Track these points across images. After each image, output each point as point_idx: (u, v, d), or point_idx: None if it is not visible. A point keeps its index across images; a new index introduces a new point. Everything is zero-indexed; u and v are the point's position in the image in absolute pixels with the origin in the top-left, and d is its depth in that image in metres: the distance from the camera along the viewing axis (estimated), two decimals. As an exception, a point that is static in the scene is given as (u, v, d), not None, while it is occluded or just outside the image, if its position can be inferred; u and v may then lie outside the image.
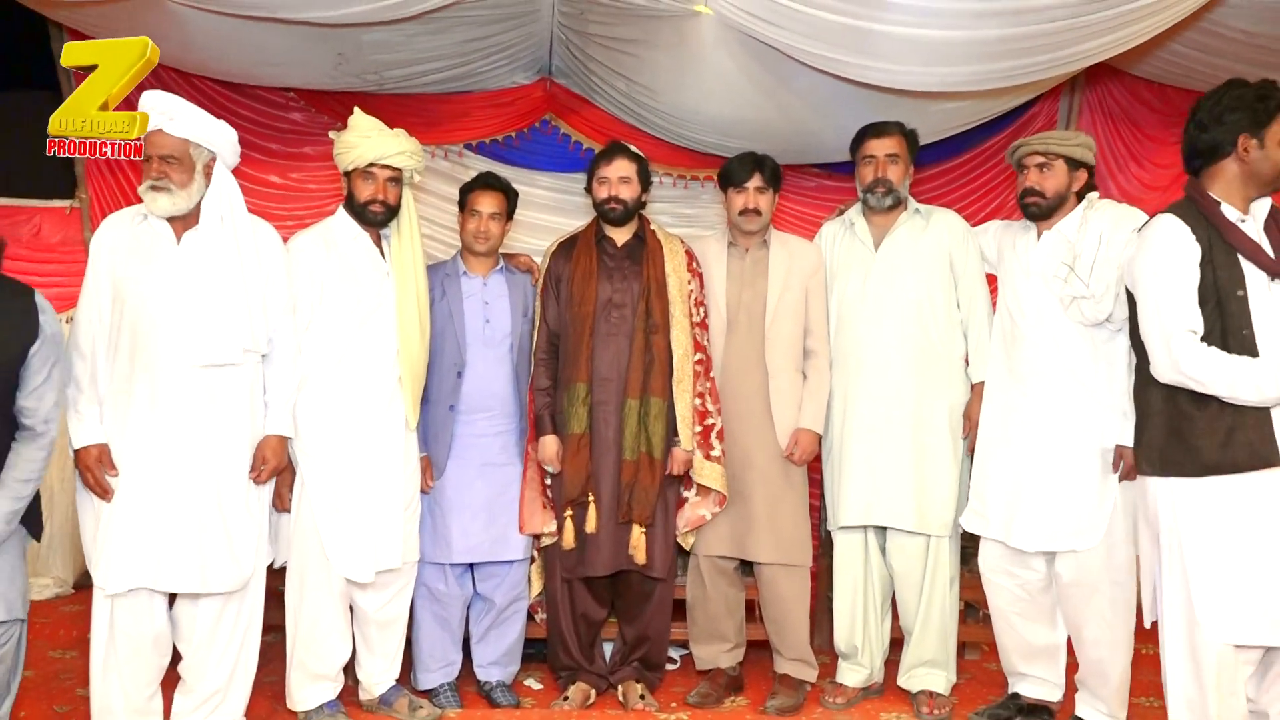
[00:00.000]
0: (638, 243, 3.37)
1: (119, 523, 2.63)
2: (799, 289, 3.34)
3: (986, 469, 3.17)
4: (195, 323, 2.69)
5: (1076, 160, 3.09)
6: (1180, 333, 2.42)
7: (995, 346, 3.23)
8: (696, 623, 3.47)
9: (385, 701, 3.16)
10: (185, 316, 2.69)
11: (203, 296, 2.70)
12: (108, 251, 2.73)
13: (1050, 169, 3.07)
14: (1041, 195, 3.08)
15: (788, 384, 3.31)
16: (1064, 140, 3.11)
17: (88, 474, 2.66)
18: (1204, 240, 2.45)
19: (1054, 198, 3.07)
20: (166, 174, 2.68)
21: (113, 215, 2.84)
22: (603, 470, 3.23)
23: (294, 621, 3.01)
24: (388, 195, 3.07)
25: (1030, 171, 3.09)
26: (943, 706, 3.26)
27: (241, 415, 2.79)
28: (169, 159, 2.69)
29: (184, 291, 2.70)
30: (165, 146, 2.69)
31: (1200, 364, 2.40)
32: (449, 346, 3.27)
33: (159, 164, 2.68)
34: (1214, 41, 3.82)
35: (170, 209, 2.70)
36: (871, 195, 3.31)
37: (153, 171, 2.68)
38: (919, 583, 3.31)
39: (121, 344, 2.69)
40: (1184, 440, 2.46)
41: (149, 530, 2.64)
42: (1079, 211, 3.09)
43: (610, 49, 3.85)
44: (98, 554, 2.66)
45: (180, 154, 2.71)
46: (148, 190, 2.69)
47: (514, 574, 3.36)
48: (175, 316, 2.68)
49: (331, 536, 2.96)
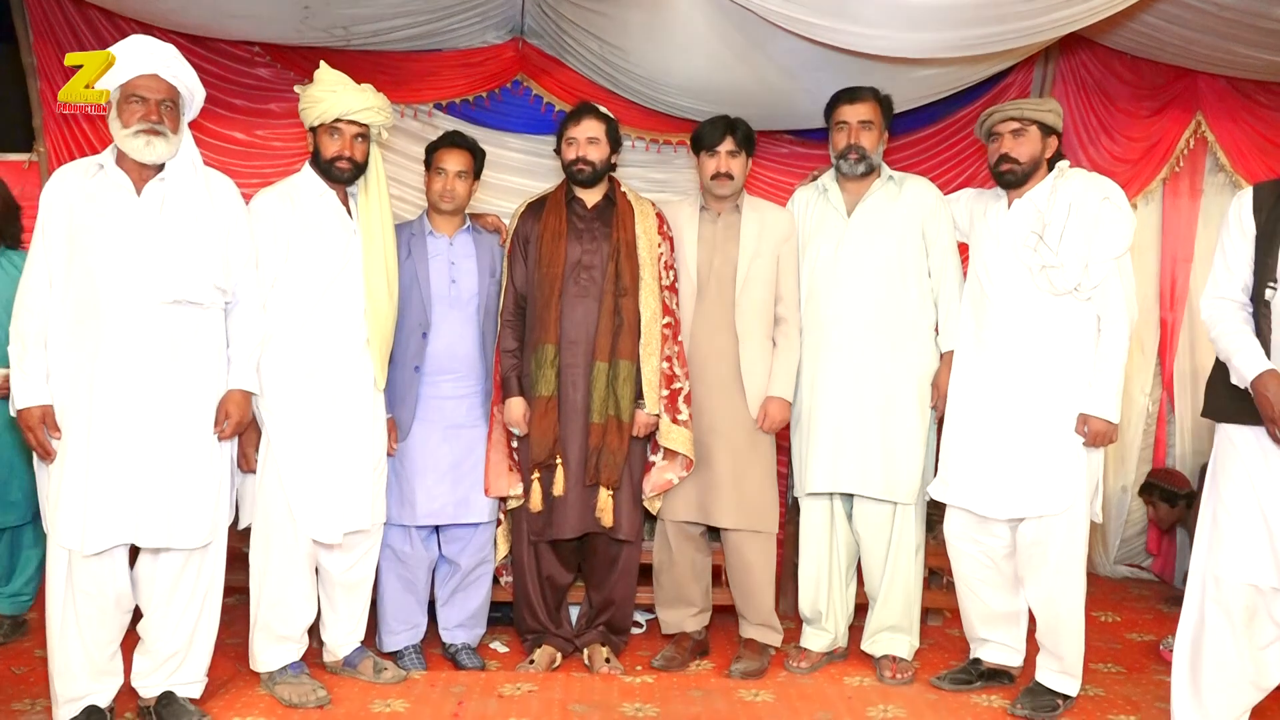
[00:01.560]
0: (607, 204, 3.34)
1: (84, 481, 2.57)
2: (770, 255, 3.32)
3: (954, 437, 3.19)
4: (161, 260, 2.61)
5: (1049, 126, 3.09)
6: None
7: (965, 315, 3.23)
8: (662, 587, 3.48)
9: (349, 663, 3.15)
10: (151, 256, 2.61)
11: (169, 236, 2.63)
12: (62, 204, 2.63)
13: (1024, 135, 3.07)
14: (1016, 162, 3.07)
15: (757, 351, 3.30)
16: (1038, 106, 3.10)
17: (30, 435, 2.58)
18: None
19: (1029, 164, 3.07)
20: (164, 118, 2.62)
21: (63, 167, 2.74)
22: (570, 433, 3.21)
23: (259, 583, 2.98)
24: (354, 152, 3.01)
25: (1004, 138, 3.08)
26: (905, 671, 3.29)
27: (205, 367, 2.73)
28: (165, 104, 2.63)
29: (148, 233, 2.62)
30: (161, 91, 2.63)
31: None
32: (414, 307, 3.23)
33: (156, 107, 2.61)
34: (1186, 14, 3.82)
35: (164, 154, 2.63)
36: (844, 161, 3.29)
37: (152, 114, 2.60)
38: (884, 549, 3.33)
39: (80, 295, 2.60)
40: (1217, 388, 2.60)
41: (114, 485, 2.58)
42: (1049, 180, 3.09)
43: (583, 8, 3.78)
44: (58, 514, 2.59)
45: (174, 100, 2.66)
46: (139, 134, 2.60)
47: (479, 536, 3.35)
48: (140, 258, 2.60)
49: (298, 497, 2.93)
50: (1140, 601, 4.42)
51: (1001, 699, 3.11)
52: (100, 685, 2.68)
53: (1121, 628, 3.99)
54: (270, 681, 2.99)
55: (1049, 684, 3.07)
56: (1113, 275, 2.99)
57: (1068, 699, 3.06)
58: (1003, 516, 3.07)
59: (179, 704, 2.75)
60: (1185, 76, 4.75)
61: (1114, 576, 4.80)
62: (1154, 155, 4.81)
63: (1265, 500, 2.47)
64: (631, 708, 2.96)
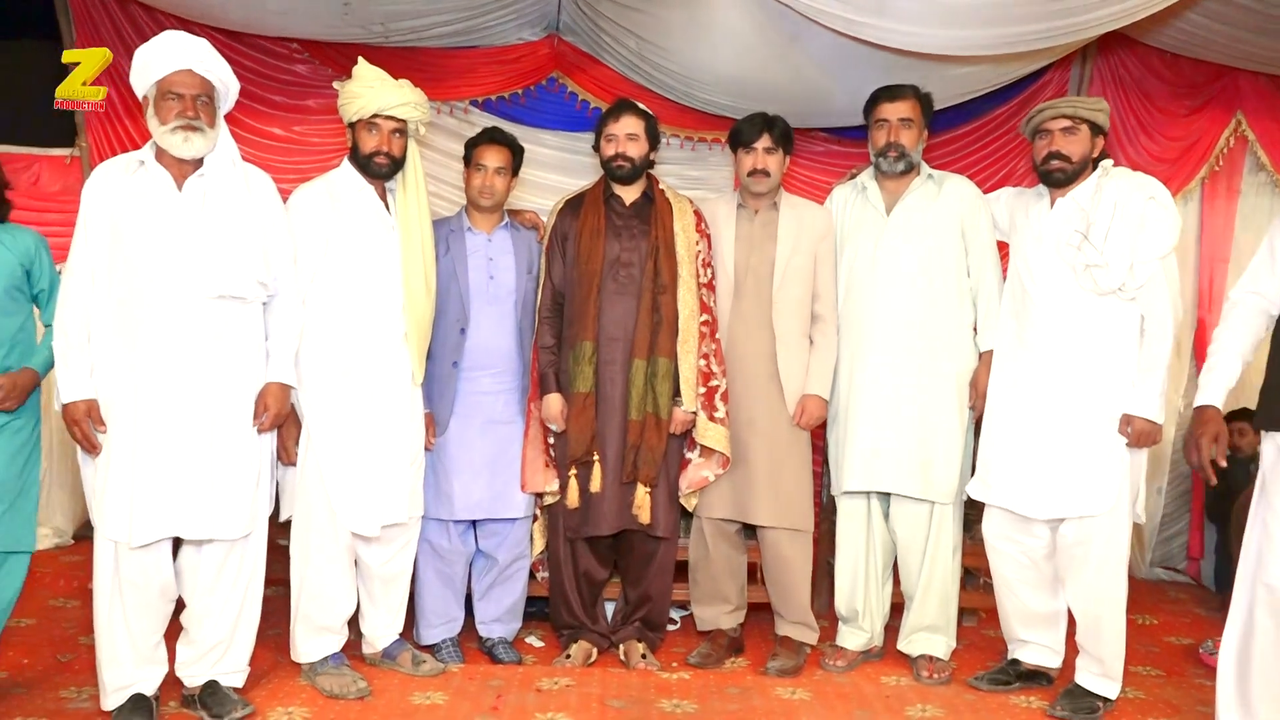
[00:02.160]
0: (646, 201, 3.34)
1: (130, 475, 2.60)
2: (808, 253, 3.31)
3: (994, 437, 3.17)
4: (205, 256, 2.64)
5: (1098, 126, 3.07)
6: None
7: (1005, 314, 3.21)
8: (698, 584, 3.48)
9: (389, 655, 3.17)
10: (194, 251, 2.64)
11: (211, 232, 2.66)
12: (104, 200, 2.66)
13: (1075, 133, 3.04)
14: (1067, 159, 3.05)
15: (795, 348, 3.29)
16: (1090, 105, 3.08)
17: (75, 428, 2.61)
18: None
19: (1080, 162, 3.05)
20: (200, 114, 2.64)
21: (104, 164, 2.76)
22: (608, 430, 3.22)
23: (299, 574, 3.00)
24: (392, 147, 3.02)
25: (1055, 135, 3.05)
26: (942, 671, 3.27)
27: (245, 360, 2.76)
28: (200, 99, 2.65)
29: (191, 230, 2.65)
30: (196, 86, 2.65)
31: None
32: (453, 303, 3.25)
33: (192, 102, 2.63)
34: (1231, 11, 3.79)
35: (202, 149, 2.65)
36: (884, 159, 3.28)
37: (187, 110, 2.62)
38: (921, 549, 3.31)
39: (123, 290, 2.63)
40: (1274, 397, 2.60)
41: (159, 478, 2.61)
42: (1094, 179, 3.06)
43: (622, 5, 3.79)
44: (104, 507, 2.63)
45: (210, 95, 2.69)
46: (177, 130, 2.61)
47: (516, 532, 3.36)
48: (183, 253, 2.63)
49: (338, 490, 2.95)
50: (1177, 605, 4.38)
51: (1040, 700, 3.09)
52: (146, 674, 2.72)
53: (1159, 630, 3.96)
54: (311, 672, 3.02)
55: (1089, 686, 3.04)
56: (1158, 275, 2.96)
57: (1108, 702, 3.03)
58: (1044, 517, 3.06)
59: (223, 693, 2.77)
60: (1225, 74, 4.70)
61: (1150, 579, 4.76)
62: (1193, 154, 4.77)
63: None
64: (670, 704, 2.96)
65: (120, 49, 4.31)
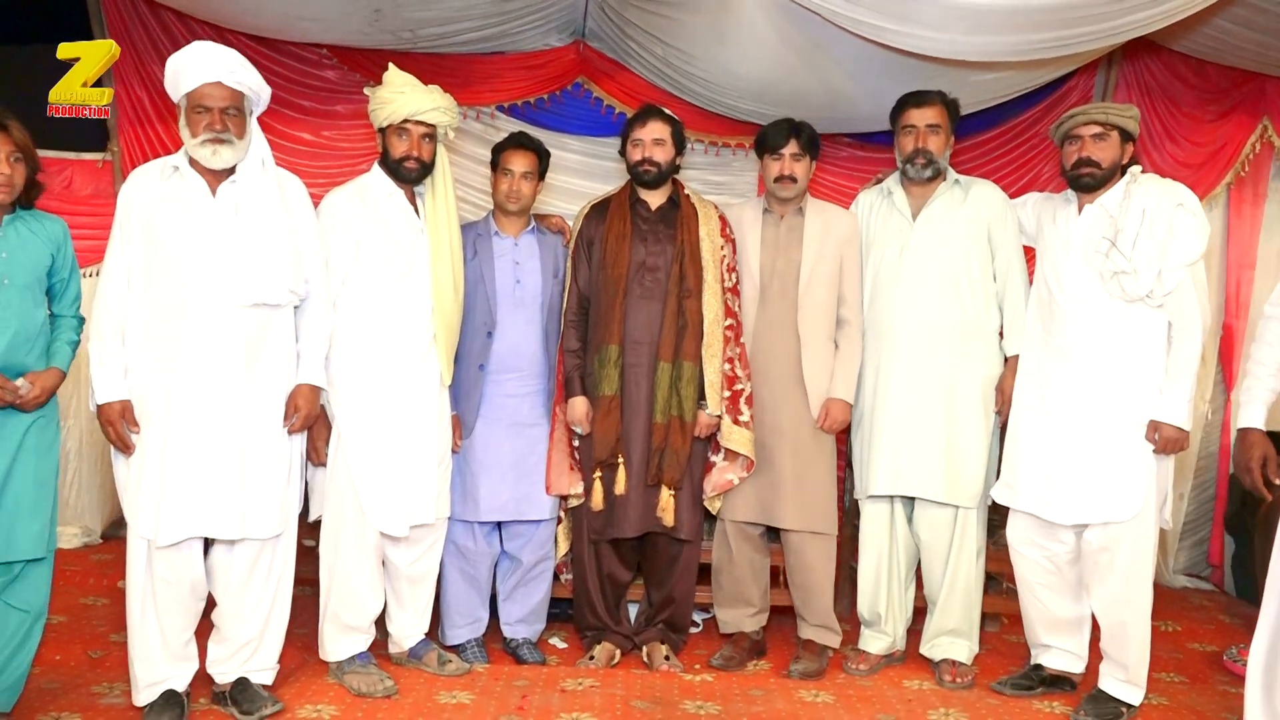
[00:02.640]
0: (671, 206, 3.37)
1: (160, 475, 2.65)
2: (833, 258, 3.33)
3: (1020, 442, 3.18)
4: (241, 265, 2.69)
5: (1128, 132, 3.07)
6: None
7: (1032, 320, 3.22)
8: (721, 587, 3.50)
9: (415, 655, 3.20)
10: (230, 260, 2.69)
11: (246, 241, 2.70)
12: (139, 205, 2.71)
13: (1106, 139, 3.05)
14: (1098, 166, 3.05)
15: (820, 352, 3.31)
16: (1121, 112, 3.09)
17: (109, 429, 2.67)
18: None
19: (1110, 168, 3.06)
20: (229, 126, 2.68)
21: (139, 169, 2.82)
22: (633, 432, 3.25)
23: (328, 574, 3.05)
24: (422, 152, 3.06)
25: (1085, 141, 3.06)
26: (965, 675, 3.28)
27: (277, 363, 2.81)
28: (228, 111, 2.69)
29: (227, 238, 2.70)
30: (225, 99, 2.69)
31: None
32: (479, 306, 3.28)
33: (219, 116, 2.67)
34: (1259, 17, 3.78)
35: (231, 160, 2.70)
36: (911, 166, 3.30)
37: (215, 124, 2.67)
38: (945, 553, 3.32)
39: (158, 294, 2.69)
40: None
41: (189, 479, 2.66)
42: (1122, 185, 3.07)
43: (647, 12, 3.82)
44: (136, 505, 2.68)
45: (239, 105, 2.72)
46: (206, 143, 2.67)
47: (541, 533, 3.39)
48: (219, 261, 2.68)
49: (367, 491, 2.99)
50: (1201, 611, 4.36)
51: (1063, 705, 3.10)
52: (177, 670, 2.76)
53: (1183, 637, 3.95)
54: (339, 671, 3.05)
55: (1112, 692, 3.04)
56: (1186, 282, 2.96)
57: (1131, 708, 3.03)
58: (1069, 522, 3.06)
59: (253, 689, 2.82)
60: (1252, 80, 4.69)
61: (1174, 586, 4.74)
62: (1219, 160, 4.76)
63: None
64: (693, 705, 2.98)
65: (153, 54, 4.39)
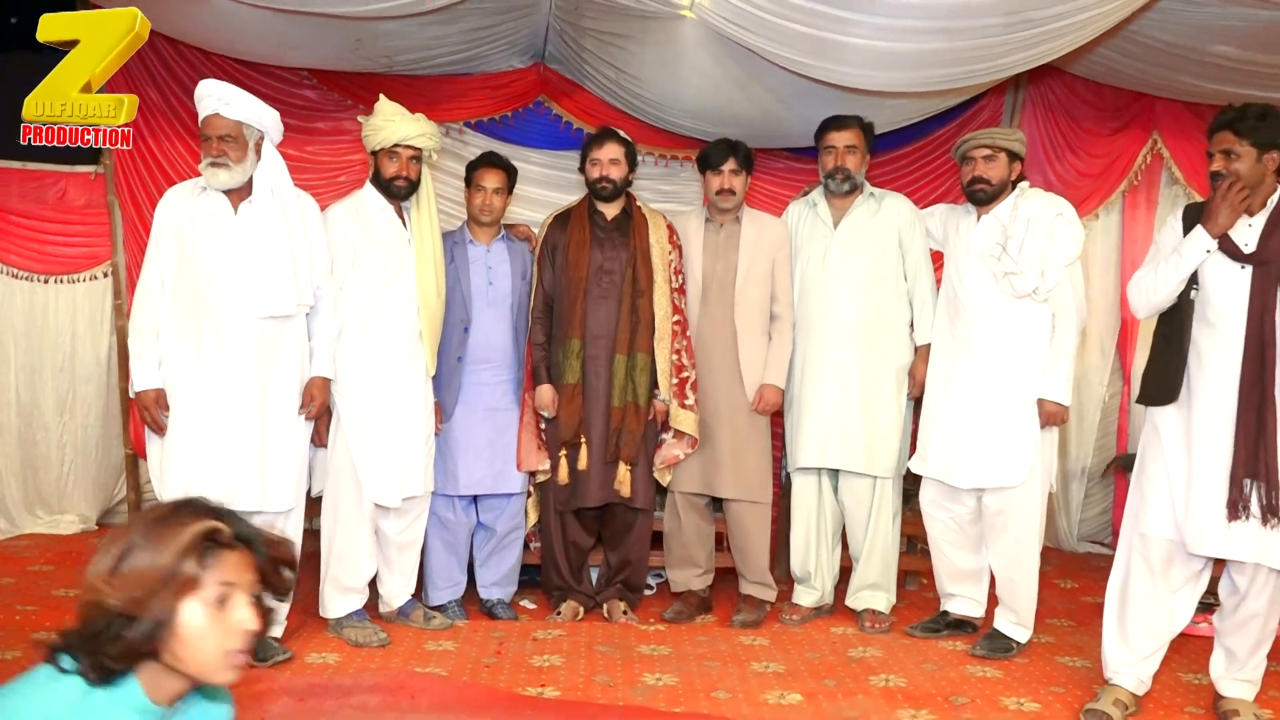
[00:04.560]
0: (625, 217, 3.83)
1: (190, 454, 3.07)
2: (766, 260, 3.81)
3: (929, 419, 3.68)
4: (255, 281, 3.12)
5: (1014, 153, 3.59)
6: None
7: (940, 314, 3.73)
8: (672, 551, 3.97)
9: (403, 613, 3.64)
10: (246, 276, 3.11)
11: (261, 258, 3.13)
12: (172, 220, 3.15)
13: (995, 160, 3.56)
14: (988, 183, 3.56)
15: (755, 344, 3.79)
16: (1007, 136, 3.61)
17: (145, 413, 3.08)
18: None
19: (999, 184, 3.57)
20: (225, 152, 3.10)
21: (174, 188, 3.30)
22: (594, 416, 3.71)
23: (329, 541, 3.49)
24: (410, 171, 3.51)
25: (977, 162, 3.57)
26: (883, 622, 3.78)
27: (291, 360, 3.24)
28: (225, 139, 3.11)
29: (244, 255, 3.12)
30: (222, 128, 3.11)
31: None
32: (456, 305, 3.72)
33: (218, 144, 3.10)
34: (1137, 49, 4.31)
35: (228, 182, 3.12)
36: (831, 181, 3.79)
37: (213, 150, 3.10)
38: (865, 517, 3.82)
39: (186, 299, 3.12)
40: (1147, 380, 3.06)
41: (215, 458, 3.08)
42: (1011, 199, 3.58)
43: (601, 41, 4.26)
44: (167, 482, 3.09)
45: (235, 134, 3.13)
46: (208, 167, 3.11)
47: (512, 506, 3.84)
48: (237, 276, 3.11)
49: (365, 468, 3.43)
50: (1098, 572, 4.86)
51: (964, 644, 3.61)
52: None
53: (1078, 593, 4.49)
54: (338, 626, 3.48)
55: (1005, 631, 3.56)
56: (1065, 281, 3.48)
57: (1020, 644, 3.55)
58: (969, 486, 3.56)
59: (266, 640, 3.23)
60: (1143, 99, 5.23)
61: (1076, 551, 5.29)
62: (1115, 170, 5.31)
63: (1175, 473, 2.95)
64: (648, 649, 3.45)
65: (144, 75, 4.74)
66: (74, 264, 5.03)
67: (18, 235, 4.88)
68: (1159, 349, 3.03)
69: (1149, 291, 2.98)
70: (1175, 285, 2.91)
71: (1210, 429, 2.87)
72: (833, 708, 2.99)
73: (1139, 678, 3.03)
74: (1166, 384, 2.96)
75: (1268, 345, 2.79)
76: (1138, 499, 3.06)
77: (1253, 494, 2.79)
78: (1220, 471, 2.84)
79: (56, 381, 4.93)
